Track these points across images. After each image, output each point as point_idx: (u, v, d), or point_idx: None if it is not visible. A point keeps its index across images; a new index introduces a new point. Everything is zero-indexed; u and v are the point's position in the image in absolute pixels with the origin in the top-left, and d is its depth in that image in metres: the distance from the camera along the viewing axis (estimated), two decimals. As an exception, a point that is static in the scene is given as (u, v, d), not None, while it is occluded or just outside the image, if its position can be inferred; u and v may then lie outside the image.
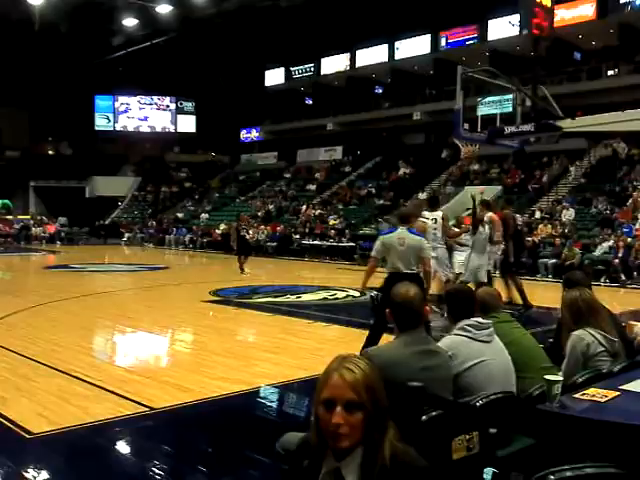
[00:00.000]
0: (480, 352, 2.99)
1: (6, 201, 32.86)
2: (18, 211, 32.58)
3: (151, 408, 4.87)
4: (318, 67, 32.68)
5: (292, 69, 33.80)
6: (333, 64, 32.10)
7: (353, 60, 31.14)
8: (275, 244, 24.19)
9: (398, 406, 1.89)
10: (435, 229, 8.52)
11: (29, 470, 3.80)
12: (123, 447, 4.38)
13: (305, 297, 11.68)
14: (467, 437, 2.46)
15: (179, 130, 37.93)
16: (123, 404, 4.94)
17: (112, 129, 37.48)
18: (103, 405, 4.93)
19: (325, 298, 11.62)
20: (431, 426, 2.39)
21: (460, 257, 9.99)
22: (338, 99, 31.87)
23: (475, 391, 2.88)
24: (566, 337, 3.32)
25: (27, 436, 4.23)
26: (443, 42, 27.87)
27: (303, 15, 27.96)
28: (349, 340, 7.52)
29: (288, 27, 28.80)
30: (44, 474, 3.80)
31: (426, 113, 27.76)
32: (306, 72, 33.47)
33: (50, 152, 37.75)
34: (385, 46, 29.60)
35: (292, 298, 11.48)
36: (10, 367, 6.04)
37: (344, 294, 12.11)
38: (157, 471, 3.83)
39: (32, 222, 30.24)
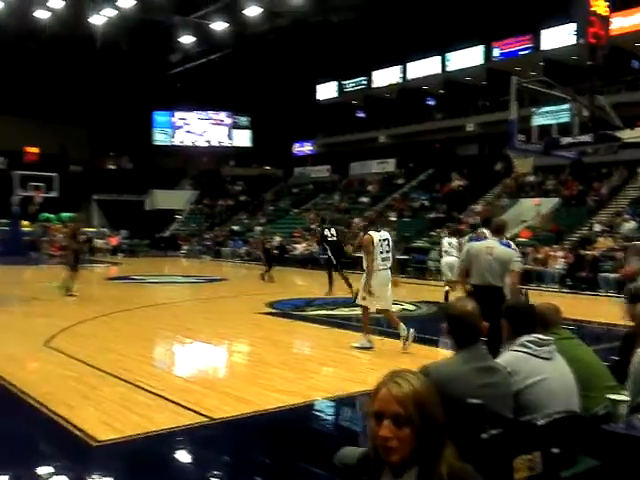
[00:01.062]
0: (541, 369, 2.95)
1: (71, 214, 34.15)
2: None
3: (211, 418, 4.93)
4: (370, 80, 32.83)
5: (344, 82, 34.06)
6: (385, 77, 32.18)
7: (405, 72, 31.17)
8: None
9: (457, 423, 1.89)
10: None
11: (95, 477, 3.91)
12: (184, 456, 4.47)
13: (359, 310, 11.65)
14: (529, 457, 2.42)
15: (235, 144, 38.71)
16: (184, 414, 5.02)
17: (170, 144, 38.57)
18: (165, 414, 5.03)
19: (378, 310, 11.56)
20: (492, 445, 2.36)
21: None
22: (390, 111, 31.88)
23: (536, 409, 2.84)
24: None
25: (93, 444, 4.33)
26: (496, 52, 27.63)
27: (354, 29, 28.21)
28: (404, 354, 7.49)
29: (340, 41, 29.08)
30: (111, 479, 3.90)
31: (479, 124, 27.49)
32: (358, 85, 33.67)
33: (111, 166, 39.10)
34: (437, 58, 29.52)
35: (346, 311, 11.50)
36: (77, 376, 6.23)
37: (398, 307, 12.04)
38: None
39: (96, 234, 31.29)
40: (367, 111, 34.18)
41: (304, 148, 37.40)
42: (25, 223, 28.79)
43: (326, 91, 35.11)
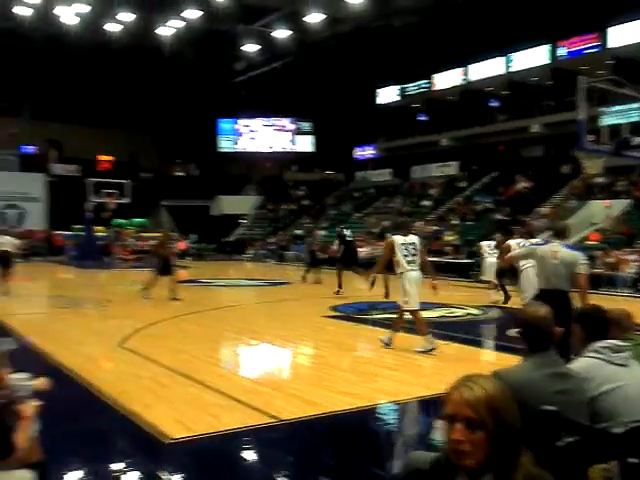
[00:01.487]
0: (616, 376, 2.88)
1: (142, 220, 35.44)
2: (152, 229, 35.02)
3: (279, 419, 5.00)
4: (431, 82, 32.55)
5: (405, 86, 33.89)
6: (447, 79, 31.83)
7: (467, 74, 30.74)
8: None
9: (531, 430, 1.87)
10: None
11: (169, 473, 4.02)
12: (254, 456, 4.53)
13: (423, 314, 11.57)
14: (605, 466, 2.35)
15: (297, 150, 39.13)
16: (252, 414, 5.12)
17: (234, 150, 39.36)
18: (234, 415, 5.14)
19: (443, 316, 11.49)
20: (567, 452, 2.31)
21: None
22: (452, 114, 31.51)
23: (611, 417, 2.77)
24: None
25: (167, 441, 4.48)
26: (561, 52, 26.89)
27: (416, 32, 28.07)
28: (469, 359, 7.43)
29: (401, 45, 28.99)
30: (184, 477, 3.98)
31: (545, 125, 26.84)
32: (419, 88, 33.43)
33: (179, 173, 40.25)
34: (501, 58, 28.98)
35: (409, 315, 11.43)
36: (150, 375, 6.46)
37: (463, 312, 11.93)
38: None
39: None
40: (428, 114, 33.89)
41: (365, 152, 37.41)
42: (98, 228, 29.98)
43: (387, 95, 35.02)
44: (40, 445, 2.99)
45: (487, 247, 13.01)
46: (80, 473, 4.02)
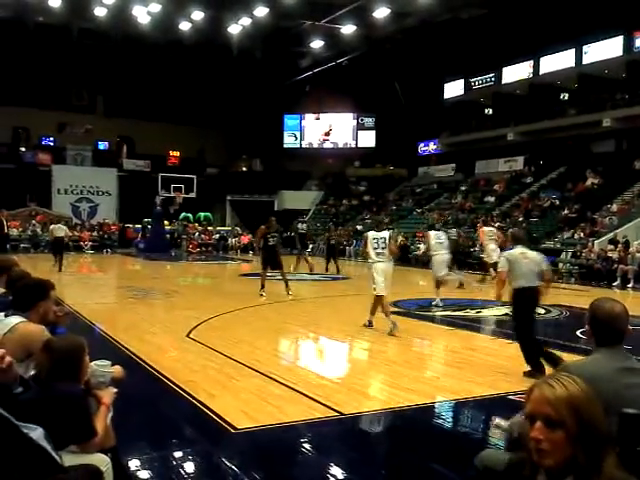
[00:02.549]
0: None
1: (207, 214, 36.36)
2: (216, 223, 35.93)
3: (341, 413, 5.05)
4: (499, 76, 31.81)
5: (471, 80, 33.27)
6: (515, 72, 31.05)
7: (537, 67, 29.87)
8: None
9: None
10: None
11: (235, 462, 4.10)
12: (316, 448, 4.56)
13: (485, 312, 11.48)
14: None
15: (359, 145, 39.09)
16: (315, 407, 5.20)
17: (299, 146, 39.70)
18: (297, 407, 5.23)
19: (507, 314, 11.27)
20: None
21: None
22: (519, 108, 30.73)
23: None
24: None
25: (232, 430, 4.61)
26: (637, 43, 25.79)
27: (484, 25, 27.53)
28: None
29: (468, 38, 28.49)
30: (248, 467, 4.05)
31: (617, 119, 25.81)
32: (486, 82, 32.75)
33: (244, 169, 40.96)
34: (572, 51, 28.03)
35: (472, 313, 11.35)
36: (216, 366, 6.65)
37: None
38: (345, 476, 4.01)
39: (229, 233, 33.02)
40: (495, 108, 33.18)
41: (428, 147, 36.97)
42: (166, 222, 30.91)
43: (453, 89, 34.45)
44: (113, 430, 3.16)
45: (436, 239, 12.96)
46: (150, 459, 4.15)
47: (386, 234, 9.42)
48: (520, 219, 25.71)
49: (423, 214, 31.98)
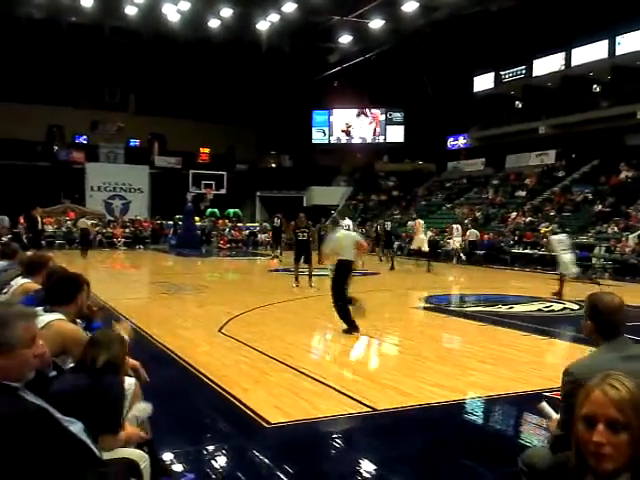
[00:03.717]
0: None
1: (237, 210, 36.62)
2: (246, 219, 36.20)
3: (373, 409, 5.06)
4: (530, 69, 31.35)
5: (502, 73, 32.84)
6: (546, 64, 30.55)
7: (568, 59, 29.35)
8: (483, 252, 23.73)
9: None
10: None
11: (269, 456, 4.13)
12: (349, 444, 4.58)
13: (517, 308, 11.37)
14: None
15: (388, 140, 38.93)
16: (347, 402, 5.21)
17: (327, 142, 39.71)
18: (329, 402, 5.24)
19: (540, 310, 11.19)
20: None
21: None
22: (551, 101, 30.27)
23: None
24: None
25: (266, 425, 4.64)
26: (674, 33, 25.19)
27: (514, 17, 27.15)
28: (569, 355, 7.19)
29: (498, 31, 28.12)
30: (282, 461, 4.06)
31: (653, 111, 25.27)
32: (516, 75, 32.31)
33: (273, 165, 41.13)
34: (604, 42, 27.46)
35: (504, 308, 11.25)
36: (249, 361, 6.71)
37: (560, 306, 11.56)
38: (378, 472, 4.01)
39: (258, 229, 33.21)
40: (525, 101, 32.72)
41: (458, 142, 36.65)
42: (197, 218, 31.23)
43: (482, 82, 34.06)
44: (149, 424, 3.22)
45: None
46: (184, 453, 4.18)
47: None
48: (552, 213, 25.35)
49: (452, 209, 31.72)
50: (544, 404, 2.85)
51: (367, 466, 4.09)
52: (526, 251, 22.59)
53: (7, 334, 2.04)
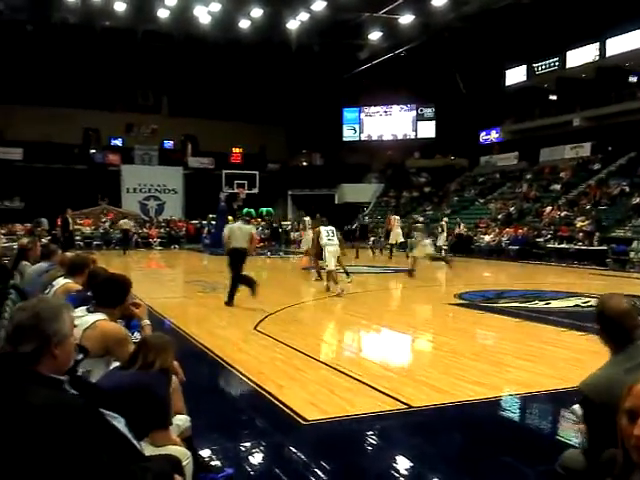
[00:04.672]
0: None
1: (269, 209, 36.85)
2: (278, 218, 36.38)
3: (409, 406, 5.04)
4: (563, 60, 30.80)
5: (534, 65, 32.35)
6: (580, 56, 29.98)
7: (603, 49, 28.74)
8: (517, 247, 23.45)
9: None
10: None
11: (306, 453, 4.15)
12: (386, 441, 4.54)
13: (554, 303, 11.21)
14: None
15: (419, 136, 38.70)
16: (383, 399, 5.21)
17: (358, 139, 39.65)
18: (365, 399, 5.24)
19: (577, 305, 11.01)
20: None
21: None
22: (585, 92, 29.71)
23: None
24: None
25: (302, 422, 4.65)
26: None
27: (546, 7, 26.70)
28: (606, 351, 7.09)
29: (530, 22, 27.71)
30: (319, 458, 4.07)
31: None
32: (550, 67, 31.78)
33: (304, 163, 41.24)
34: (641, 30, 26.85)
35: (540, 304, 11.10)
36: (284, 358, 6.75)
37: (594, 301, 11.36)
38: (415, 469, 4.01)
39: (290, 227, 33.38)
40: (559, 93, 32.19)
41: (490, 136, 36.22)
42: (230, 218, 31.50)
43: (515, 75, 33.59)
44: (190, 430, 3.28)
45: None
46: (222, 449, 4.22)
47: (332, 228, 13.07)
48: (588, 207, 24.91)
49: (486, 204, 31.39)
50: (576, 407, 2.78)
51: (404, 464, 4.09)
52: (562, 246, 22.23)
53: (61, 325, 2.12)
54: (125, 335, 3.45)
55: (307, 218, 20.49)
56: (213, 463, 3.89)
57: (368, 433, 4.59)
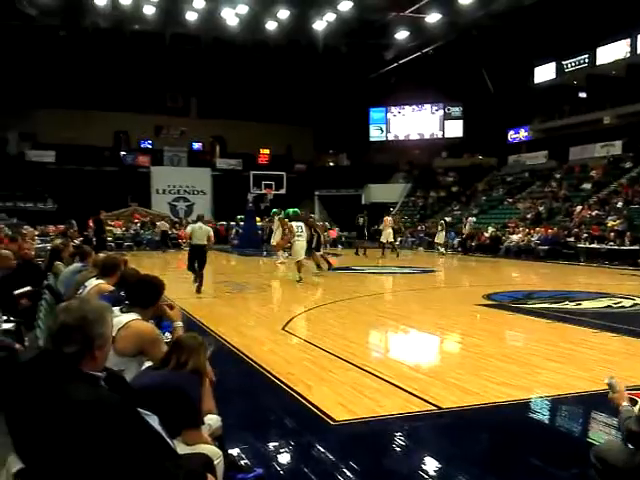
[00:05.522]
0: None
1: (296, 210, 36.88)
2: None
3: (439, 407, 5.02)
4: (593, 57, 30.31)
5: (563, 63, 31.90)
6: (610, 52, 29.44)
7: (634, 45, 28.20)
8: (547, 247, 23.15)
9: None
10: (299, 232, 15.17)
11: (336, 453, 4.15)
12: (415, 442, 4.52)
13: (585, 304, 11.05)
14: None
15: (446, 135, 38.47)
16: (412, 400, 5.19)
17: (385, 139, 39.54)
18: (393, 400, 5.23)
19: (609, 306, 10.84)
20: None
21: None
22: (616, 90, 29.20)
23: None
24: None
25: (331, 423, 4.66)
26: None
27: (576, 3, 26.31)
28: (638, 353, 6.99)
29: (559, 18, 27.33)
30: (348, 458, 4.07)
31: None
32: (579, 64, 31.31)
33: (331, 164, 41.29)
34: (676, 25, 26.30)
35: (571, 305, 10.95)
36: (312, 358, 6.77)
37: (630, 302, 11.18)
38: (445, 471, 3.99)
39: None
40: (589, 91, 31.70)
41: (519, 134, 35.81)
42: (258, 218, 31.70)
43: (543, 73, 33.14)
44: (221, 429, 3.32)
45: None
46: (251, 449, 4.25)
47: (302, 224, 15.41)
48: (619, 206, 24.48)
49: (514, 204, 31.05)
50: (612, 380, 2.78)
51: (433, 465, 4.07)
52: (593, 245, 21.88)
53: (104, 329, 2.18)
54: (158, 335, 3.51)
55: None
56: (243, 462, 3.92)
57: (397, 434, 4.58)
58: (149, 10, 28.91)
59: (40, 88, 32.39)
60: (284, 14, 29.46)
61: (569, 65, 31.77)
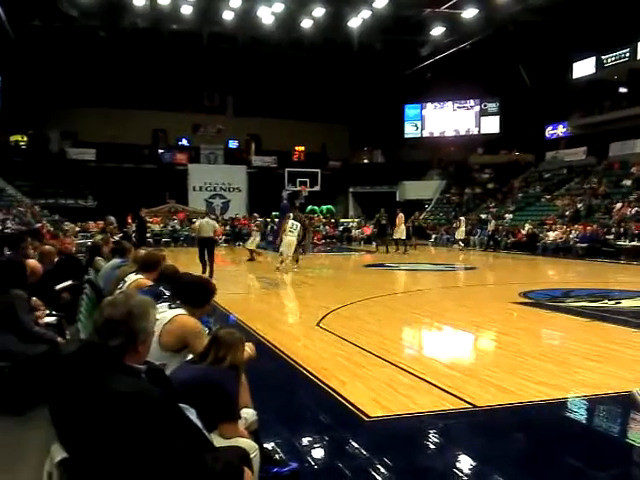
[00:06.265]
0: None
1: (330, 206, 37.05)
2: (339, 215, 36.54)
3: (474, 405, 4.99)
4: (634, 51, 29.52)
5: (603, 57, 31.17)
6: (654, 45, 28.70)
7: (680, 37, 27.46)
8: (585, 245, 22.72)
9: None
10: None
11: (370, 450, 4.16)
12: (450, 440, 4.51)
13: (625, 303, 10.82)
14: None
15: (483, 132, 38.02)
16: (446, 398, 5.18)
17: (420, 136, 39.30)
18: (428, 397, 5.23)
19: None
20: None
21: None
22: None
23: None
24: None
25: (365, 419, 4.68)
26: None
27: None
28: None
29: (599, 12, 26.71)
30: (382, 455, 4.07)
31: None
32: (620, 58, 30.54)
33: (365, 161, 41.22)
34: None
35: (610, 303, 10.74)
36: (346, 355, 6.79)
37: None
38: (480, 470, 3.97)
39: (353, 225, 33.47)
40: (630, 86, 30.92)
41: (557, 130, 35.15)
42: (290, 215, 31.83)
43: (583, 68, 32.44)
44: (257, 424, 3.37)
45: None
46: (286, 443, 4.29)
47: (296, 222, 16.59)
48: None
49: (552, 200, 30.54)
50: (635, 393, 2.71)
51: (467, 463, 4.06)
52: (633, 243, 21.39)
53: (148, 324, 2.25)
54: (202, 329, 3.59)
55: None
56: (277, 456, 3.97)
57: (431, 431, 4.57)
58: (187, 10, 29.26)
59: (81, 87, 33.08)
60: (319, 12, 29.47)
61: (609, 59, 31.03)
